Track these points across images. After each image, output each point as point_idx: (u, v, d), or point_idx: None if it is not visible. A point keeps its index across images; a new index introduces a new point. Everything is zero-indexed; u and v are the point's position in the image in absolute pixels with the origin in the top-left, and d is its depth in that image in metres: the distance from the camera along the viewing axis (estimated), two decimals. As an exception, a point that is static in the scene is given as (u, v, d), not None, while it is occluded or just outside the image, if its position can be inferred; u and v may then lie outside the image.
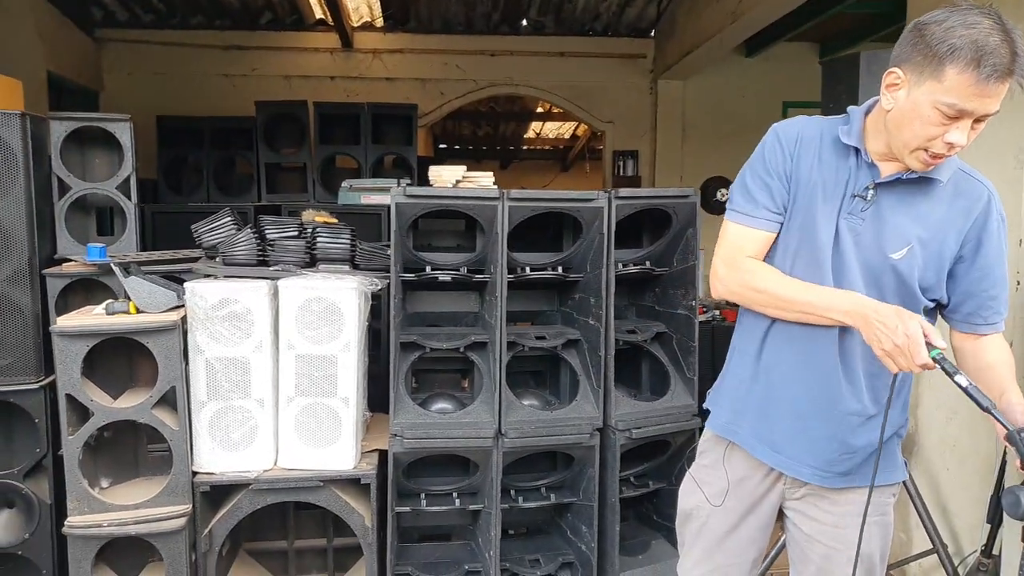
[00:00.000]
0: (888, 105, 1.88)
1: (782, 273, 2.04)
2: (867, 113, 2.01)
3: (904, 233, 1.96)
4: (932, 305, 2.04)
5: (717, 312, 5.72)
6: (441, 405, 3.50)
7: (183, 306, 3.12)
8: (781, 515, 2.30)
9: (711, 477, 2.29)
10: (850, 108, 2.05)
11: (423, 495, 3.44)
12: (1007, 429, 1.76)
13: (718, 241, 2.13)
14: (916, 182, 1.95)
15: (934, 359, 1.76)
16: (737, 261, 2.07)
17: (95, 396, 3.05)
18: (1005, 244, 2.01)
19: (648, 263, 3.59)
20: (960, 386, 1.75)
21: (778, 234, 2.08)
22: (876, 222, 1.97)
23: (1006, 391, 1.96)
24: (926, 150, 1.85)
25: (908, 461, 3.57)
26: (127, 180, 3.65)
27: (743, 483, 2.23)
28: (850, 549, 2.12)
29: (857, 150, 1.99)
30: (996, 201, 2.00)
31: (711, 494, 2.28)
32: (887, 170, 1.97)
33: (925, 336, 1.76)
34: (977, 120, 1.82)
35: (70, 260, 3.51)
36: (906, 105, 1.83)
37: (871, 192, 1.97)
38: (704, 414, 2.38)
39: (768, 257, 2.09)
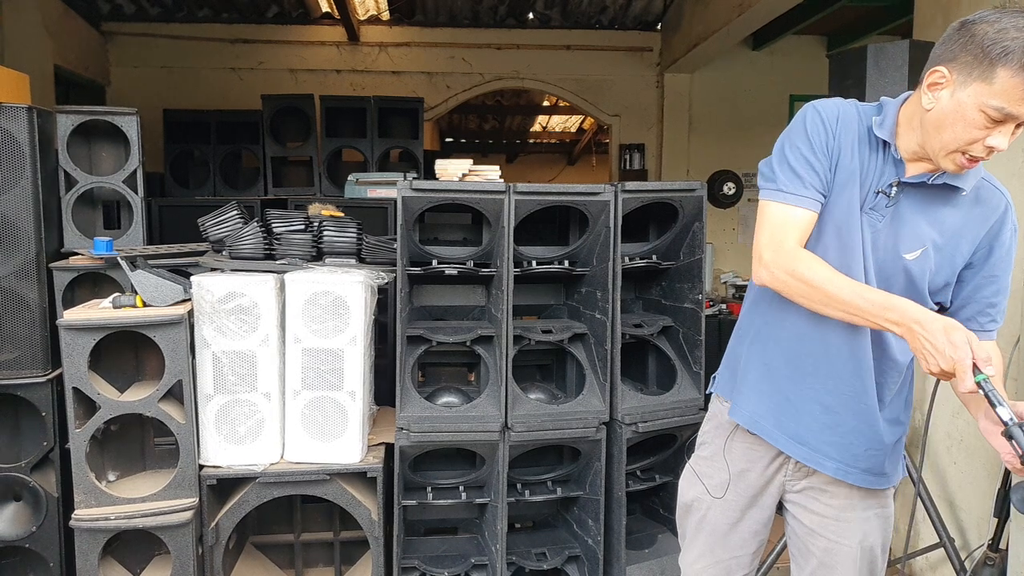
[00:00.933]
0: (929, 104, 1.83)
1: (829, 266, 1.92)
2: (900, 107, 1.96)
3: (920, 235, 1.93)
4: (936, 308, 2.00)
5: (723, 306, 5.72)
6: (447, 399, 3.50)
7: (190, 300, 3.12)
8: (782, 508, 2.29)
9: (711, 469, 2.28)
10: (884, 99, 2.00)
11: (430, 488, 3.44)
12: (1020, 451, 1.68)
13: (757, 224, 2.00)
14: (940, 187, 1.91)
15: (978, 383, 1.68)
16: (785, 246, 1.93)
17: (102, 389, 3.06)
18: (1013, 254, 1.99)
19: (655, 257, 3.58)
20: (1002, 419, 1.67)
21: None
22: (895, 221, 1.94)
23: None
24: (964, 153, 1.81)
25: (914, 455, 3.56)
26: (134, 174, 3.65)
27: (744, 475, 2.22)
28: (852, 544, 2.13)
29: (887, 144, 1.95)
30: (1012, 211, 1.97)
31: (712, 486, 2.27)
32: (914, 170, 1.93)
33: (973, 360, 1.67)
34: (1020, 124, 1.79)
35: (77, 254, 3.52)
36: (949, 106, 1.79)
37: (895, 190, 1.93)
38: None
39: None
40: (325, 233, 3.50)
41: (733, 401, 2.24)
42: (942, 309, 2.03)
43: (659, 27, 8.62)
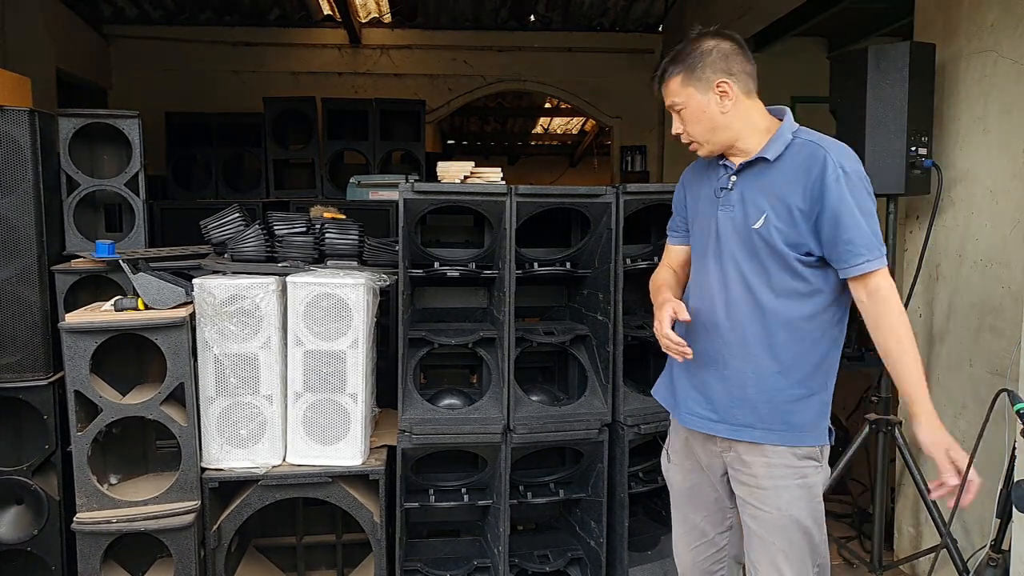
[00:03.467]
0: (726, 109, 2.36)
1: (666, 270, 2.69)
2: None
3: (759, 206, 2.30)
4: (814, 261, 2.26)
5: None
6: (450, 401, 3.50)
7: (191, 302, 3.12)
8: None
9: (672, 437, 2.69)
10: None
11: (432, 491, 3.43)
12: None
13: None
14: (753, 163, 2.34)
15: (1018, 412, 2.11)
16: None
17: (104, 392, 3.06)
18: (851, 195, 2.18)
19: (656, 258, 3.57)
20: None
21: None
22: (741, 204, 2.34)
23: (902, 379, 2.22)
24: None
25: (917, 456, 3.56)
26: (135, 176, 3.66)
27: (688, 441, 2.57)
28: (774, 511, 2.34)
29: (720, 156, 2.43)
30: (833, 157, 2.21)
31: (671, 451, 2.68)
32: (736, 163, 2.38)
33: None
34: (673, 108, 2.39)
35: (79, 257, 3.52)
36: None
37: (732, 180, 2.37)
38: None
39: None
40: (327, 235, 3.50)
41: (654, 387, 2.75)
42: (822, 261, 2.27)
43: (660, 29, 8.63)
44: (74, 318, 3.03)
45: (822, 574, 2.41)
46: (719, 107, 2.33)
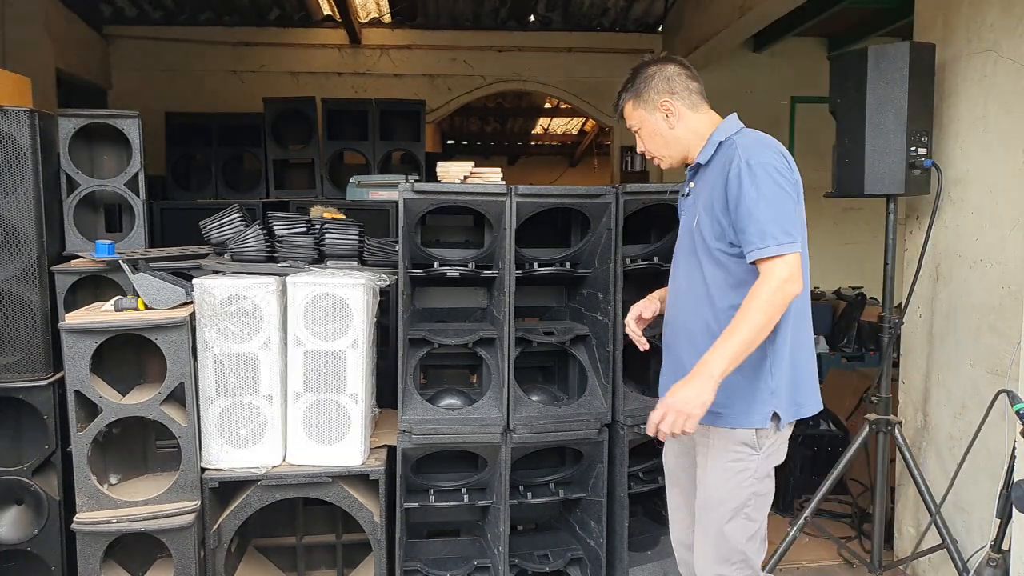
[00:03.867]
0: (673, 126, 2.63)
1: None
2: None
3: (699, 206, 2.54)
4: (737, 250, 2.42)
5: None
6: (449, 401, 3.50)
7: (191, 302, 3.12)
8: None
9: None
10: None
11: (432, 491, 3.43)
12: None
13: None
14: (697, 171, 2.62)
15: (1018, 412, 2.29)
16: None
17: (104, 392, 3.06)
18: (752, 186, 2.35)
19: (656, 258, 3.57)
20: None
21: None
22: (693, 207, 2.59)
23: (716, 343, 2.33)
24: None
25: (916, 456, 3.56)
26: (135, 177, 3.66)
27: None
28: (702, 490, 2.57)
29: (687, 165, 2.68)
30: (741, 152, 2.42)
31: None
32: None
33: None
34: (636, 132, 2.67)
35: (79, 257, 3.52)
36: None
37: (690, 187, 2.66)
38: None
39: None
40: (327, 235, 3.50)
41: None
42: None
43: (660, 29, 8.62)
44: (74, 318, 3.03)
45: (747, 565, 2.54)
46: (667, 123, 2.60)
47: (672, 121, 2.59)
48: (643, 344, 2.83)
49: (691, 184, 2.64)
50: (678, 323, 2.64)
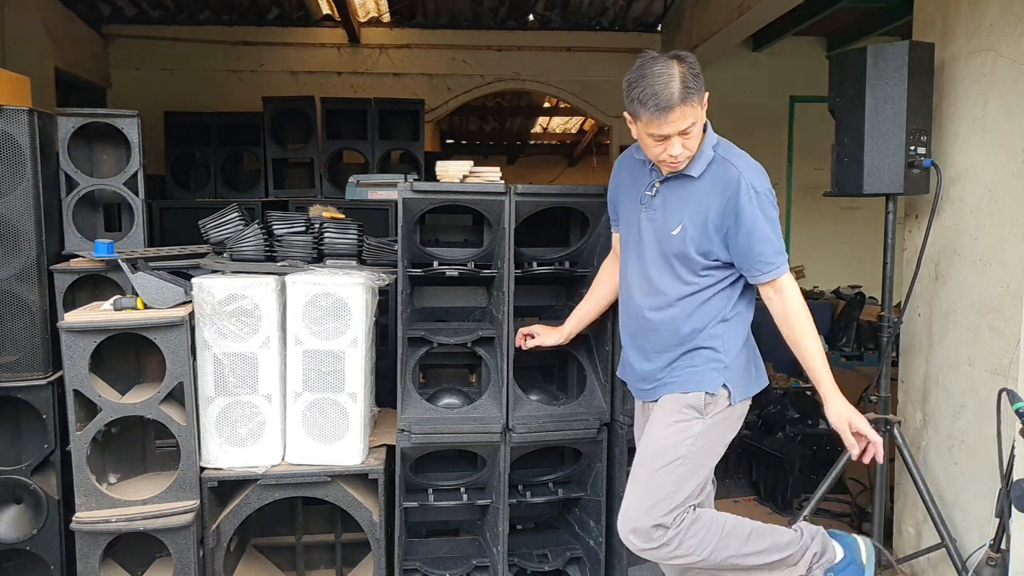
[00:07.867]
0: (635, 135, 2.63)
1: (611, 259, 3.14)
2: None
3: (679, 215, 2.64)
4: (718, 263, 2.64)
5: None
6: (449, 400, 3.50)
7: (191, 302, 3.12)
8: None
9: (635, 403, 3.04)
10: None
11: (431, 490, 3.44)
12: None
13: None
14: (679, 178, 2.67)
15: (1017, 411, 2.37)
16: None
17: (103, 392, 3.06)
18: (761, 211, 2.55)
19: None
20: None
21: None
22: (663, 210, 2.69)
23: (809, 365, 2.62)
24: (664, 161, 2.60)
25: (916, 455, 3.56)
26: (135, 176, 3.65)
27: (643, 407, 2.93)
28: (638, 451, 2.75)
29: (647, 161, 2.75)
30: (746, 179, 2.56)
31: (633, 415, 3.05)
32: (665, 172, 2.68)
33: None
34: (680, 134, 2.51)
35: (78, 256, 3.52)
36: (638, 137, 2.62)
37: (656, 188, 2.72)
38: None
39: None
40: (326, 235, 3.50)
41: None
42: (725, 264, 2.66)
43: (659, 28, 8.63)
44: (73, 317, 3.03)
45: (679, 515, 2.57)
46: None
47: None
48: (521, 342, 3.24)
49: (657, 184, 2.72)
50: (639, 313, 2.79)
